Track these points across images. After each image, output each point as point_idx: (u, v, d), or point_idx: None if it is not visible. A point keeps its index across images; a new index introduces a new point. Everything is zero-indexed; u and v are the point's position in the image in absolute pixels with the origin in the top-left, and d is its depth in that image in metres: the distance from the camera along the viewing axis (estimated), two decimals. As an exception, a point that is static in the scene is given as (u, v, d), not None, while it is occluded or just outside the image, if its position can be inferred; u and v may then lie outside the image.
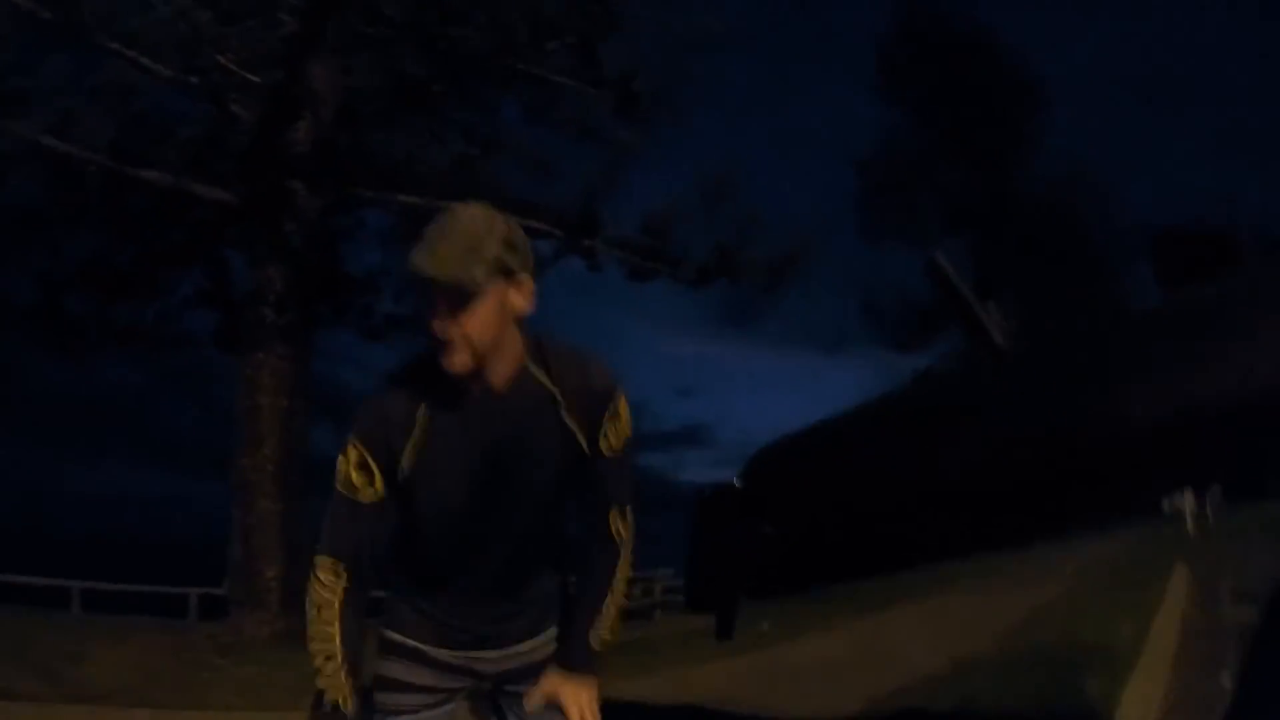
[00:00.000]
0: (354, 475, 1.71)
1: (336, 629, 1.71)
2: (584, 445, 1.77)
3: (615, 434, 1.80)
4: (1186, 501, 23.52)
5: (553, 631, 1.95)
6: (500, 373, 1.71)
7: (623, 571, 1.90)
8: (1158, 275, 3.13)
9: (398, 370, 1.78)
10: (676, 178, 11.57)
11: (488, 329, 1.65)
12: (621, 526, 1.88)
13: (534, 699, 1.86)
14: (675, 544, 3.77)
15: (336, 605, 1.71)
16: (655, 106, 10.37)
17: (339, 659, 1.70)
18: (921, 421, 3.04)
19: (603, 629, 1.88)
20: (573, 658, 1.89)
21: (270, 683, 6.72)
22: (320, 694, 1.70)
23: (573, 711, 1.84)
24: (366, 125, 9.58)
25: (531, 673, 1.93)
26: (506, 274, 1.65)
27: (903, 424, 3.09)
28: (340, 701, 1.69)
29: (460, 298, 1.61)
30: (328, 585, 1.71)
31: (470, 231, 1.63)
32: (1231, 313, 2.62)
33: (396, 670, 1.88)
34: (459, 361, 1.64)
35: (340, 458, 1.73)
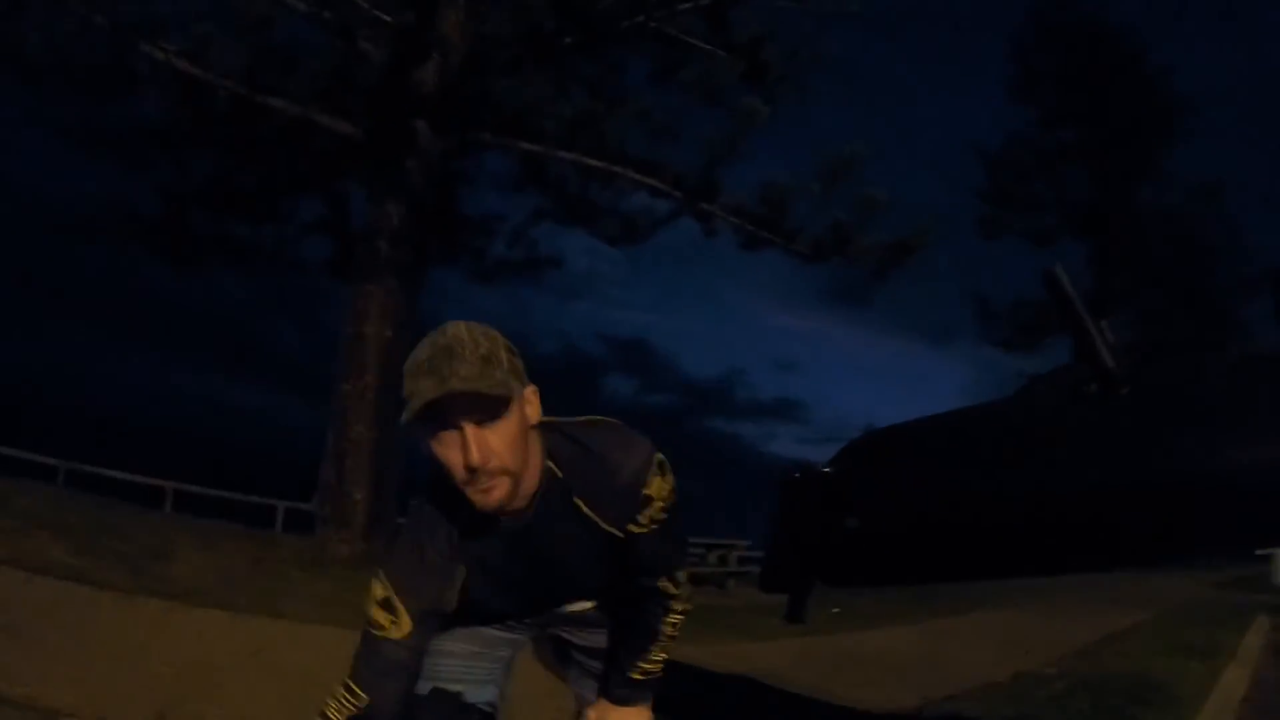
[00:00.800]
0: (377, 613, 1.66)
1: None
2: (618, 532, 1.71)
3: (648, 515, 1.71)
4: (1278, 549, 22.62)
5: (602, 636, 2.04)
6: (525, 490, 1.62)
7: (674, 618, 1.90)
8: (1277, 311, 3.00)
9: (429, 510, 1.69)
10: (799, 152, 11.36)
11: (518, 448, 1.54)
12: (671, 585, 1.85)
13: None
14: (755, 513, 3.78)
15: None
16: (784, 77, 10.24)
17: None
18: (1021, 438, 2.98)
19: (648, 664, 1.91)
20: (616, 689, 1.93)
21: (345, 601, 6.93)
22: None
23: None
24: (493, 72, 9.65)
25: (582, 620, 2.01)
26: (521, 382, 1.56)
27: (1003, 437, 3.04)
28: None
29: (489, 415, 1.49)
30: (330, 707, 1.66)
31: (477, 344, 1.51)
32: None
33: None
34: (497, 497, 1.53)
35: (369, 590, 1.69)
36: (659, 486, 1.70)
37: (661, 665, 1.92)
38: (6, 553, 5.99)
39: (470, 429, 1.47)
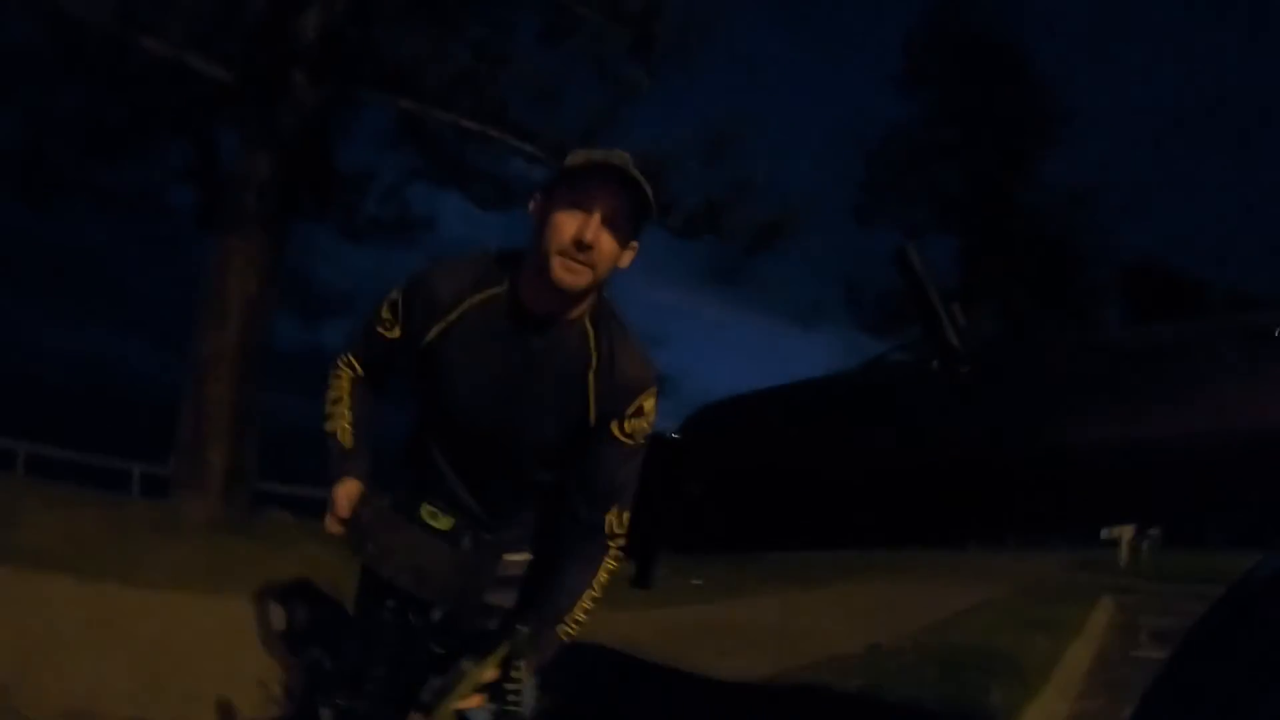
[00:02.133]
0: (384, 310, 1.84)
1: (345, 385, 1.92)
2: (593, 415, 1.78)
3: (632, 425, 1.80)
4: (1124, 533, 24.04)
5: (525, 555, 1.99)
6: (577, 309, 1.75)
7: (608, 567, 1.86)
8: (1123, 307, 3.15)
9: (477, 256, 1.84)
10: (679, 128, 11.41)
11: (609, 263, 1.69)
12: (616, 524, 1.85)
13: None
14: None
15: (346, 379, 1.93)
16: (671, 51, 10.17)
17: (345, 403, 1.91)
18: (865, 409, 3.06)
19: (571, 623, 1.83)
20: (541, 653, 1.80)
21: (200, 566, 6.72)
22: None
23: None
24: (377, 24, 9.36)
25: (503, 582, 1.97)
26: (643, 227, 1.73)
27: (846, 407, 3.12)
28: (339, 432, 1.88)
29: (619, 217, 1.66)
30: (342, 374, 1.94)
31: (639, 172, 1.66)
32: (1189, 355, 2.63)
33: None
34: (574, 280, 1.66)
35: (389, 294, 1.85)
36: (651, 409, 1.83)
37: (577, 629, 1.85)
38: None
39: (602, 211, 1.64)
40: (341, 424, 1.88)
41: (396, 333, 1.83)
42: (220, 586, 6.04)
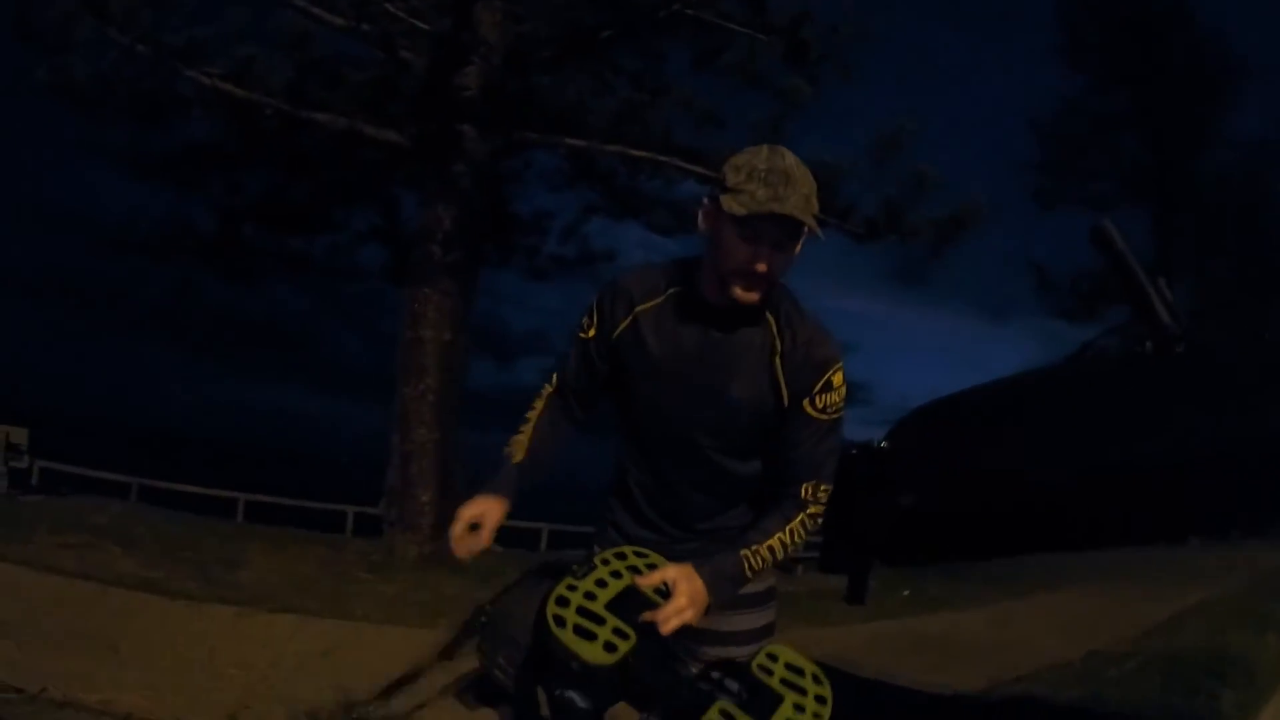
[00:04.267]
0: (584, 317, 1.97)
1: (540, 404, 2.03)
2: (785, 399, 1.83)
3: (824, 400, 1.83)
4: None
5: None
6: (746, 306, 1.80)
7: (800, 523, 1.88)
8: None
9: (662, 262, 1.97)
10: (846, 131, 11.16)
11: (782, 274, 1.77)
12: (811, 494, 1.88)
13: (652, 579, 1.75)
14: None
15: (544, 396, 2.04)
16: (825, 56, 10.05)
17: (532, 421, 2.00)
18: (1077, 404, 2.92)
19: (753, 555, 1.84)
20: (712, 564, 1.82)
21: (412, 601, 7.05)
22: (478, 609, 1.88)
23: (675, 604, 1.72)
24: (535, 71, 9.67)
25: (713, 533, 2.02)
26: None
27: (1057, 403, 2.98)
28: (513, 443, 1.97)
29: (790, 239, 1.72)
30: (542, 392, 2.05)
31: (807, 178, 1.72)
32: None
33: None
34: (752, 296, 1.75)
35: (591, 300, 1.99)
36: (840, 382, 1.86)
37: (758, 570, 1.87)
38: (81, 567, 6.18)
39: (772, 239, 1.70)
40: (519, 438, 1.98)
41: (592, 333, 1.94)
42: (432, 619, 6.30)
